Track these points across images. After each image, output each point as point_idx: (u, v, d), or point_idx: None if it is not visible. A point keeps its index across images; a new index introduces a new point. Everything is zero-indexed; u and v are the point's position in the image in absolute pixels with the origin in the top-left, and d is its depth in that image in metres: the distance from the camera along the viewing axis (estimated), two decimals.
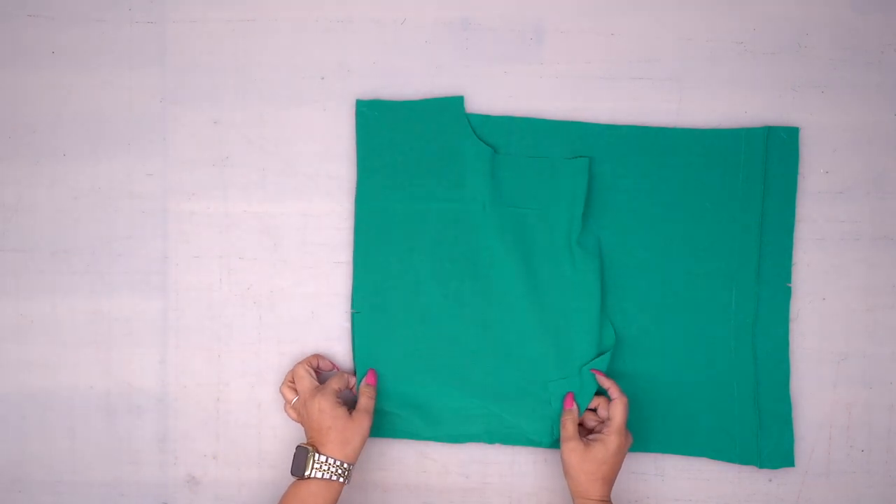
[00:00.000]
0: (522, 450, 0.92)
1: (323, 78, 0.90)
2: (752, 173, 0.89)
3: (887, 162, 0.90)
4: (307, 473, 0.81)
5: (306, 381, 0.86)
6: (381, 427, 0.90)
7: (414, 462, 0.92)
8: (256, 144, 0.90)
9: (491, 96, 0.90)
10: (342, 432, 0.82)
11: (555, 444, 0.90)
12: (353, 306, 0.90)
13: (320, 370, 0.89)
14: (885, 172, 0.90)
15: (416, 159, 0.89)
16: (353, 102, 0.90)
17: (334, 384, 0.86)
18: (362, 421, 0.84)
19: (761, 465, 0.90)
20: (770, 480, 0.92)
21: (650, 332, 0.90)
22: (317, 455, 0.81)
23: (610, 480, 0.84)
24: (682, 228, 0.90)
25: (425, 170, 0.89)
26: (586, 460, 0.83)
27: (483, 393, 0.90)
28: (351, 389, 0.89)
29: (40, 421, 0.91)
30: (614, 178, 0.90)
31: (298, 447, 0.82)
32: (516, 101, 0.90)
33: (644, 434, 0.91)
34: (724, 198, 0.90)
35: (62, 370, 0.91)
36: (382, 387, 0.90)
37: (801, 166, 0.90)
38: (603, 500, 0.83)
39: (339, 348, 0.91)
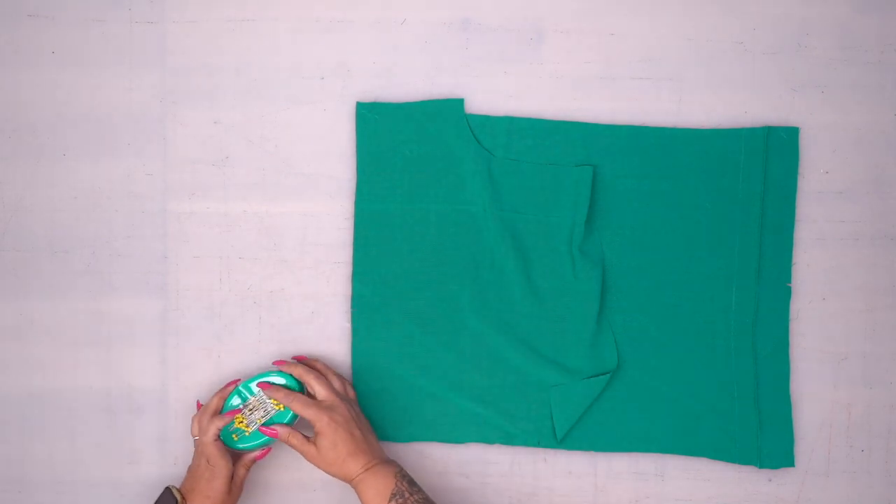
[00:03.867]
0: (522, 450, 0.92)
1: (323, 78, 0.90)
2: (752, 173, 0.89)
3: (887, 162, 0.91)
4: None
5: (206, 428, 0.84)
6: (381, 429, 0.90)
7: (414, 462, 0.92)
8: (256, 144, 0.90)
9: (491, 96, 0.90)
10: (220, 495, 0.82)
11: (551, 444, 0.91)
12: (352, 308, 0.90)
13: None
14: (885, 172, 0.91)
15: (416, 161, 0.89)
16: (353, 103, 0.90)
17: (221, 423, 0.84)
18: (235, 493, 0.84)
19: (761, 465, 0.90)
20: (770, 480, 0.92)
21: (650, 333, 0.90)
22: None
23: (358, 452, 0.81)
24: (682, 229, 0.90)
25: (425, 172, 0.89)
26: (322, 458, 0.81)
27: (479, 395, 0.90)
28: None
29: (40, 421, 0.91)
30: (614, 179, 0.90)
31: (166, 488, 0.83)
32: (516, 101, 0.90)
33: (644, 434, 0.91)
34: (724, 198, 0.90)
35: (62, 370, 0.91)
36: (381, 388, 0.90)
37: (801, 166, 0.90)
38: (367, 467, 0.81)
39: (339, 348, 0.91)
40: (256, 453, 0.85)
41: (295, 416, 0.85)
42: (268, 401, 0.86)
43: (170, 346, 0.91)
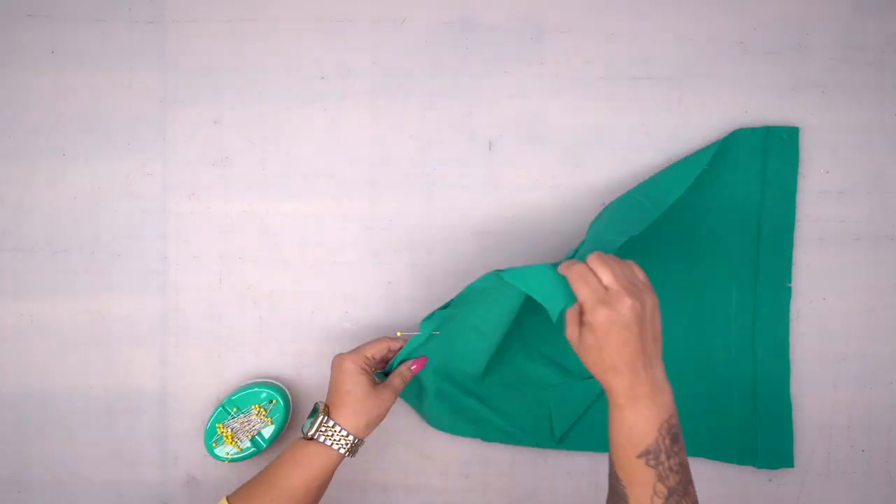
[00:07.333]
0: (522, 450, 0.92)
1: (323, 78, 0.90)
2: (751, 173, 0.89)
3: (887, 162, 0.90)
4: (310, 433, 0.77)
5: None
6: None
7: (414, 462, 0.92)
8: (256, 144, 0.90)
9: (491, 96, 0.90)
10: (359, 401, 0.77)
11: (550, 444, 0.91)
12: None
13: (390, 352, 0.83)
14: (885, 172, 0.91)
15: None
16: (353, 102, 0.89)
17: (369, 349, 0.80)
18: (384, 396, 0.78)
19: (760, 466, 0.90)
20: (770, 480, 0.92)
21: None
22: (325, 417, 0.77)
23: (623, 370, 0.65)
24: (681, 229, 0.90)
25: None
26: (582, 352, 0.68)
27: (479, 395, 0.90)
28: (391, 353, 0.82)
29: (40, 421, 0.91)
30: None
31: (316, 403, 0.80)
32: (516, 101, 0.90)
33: None
34: (724, 198, 0.90)
35: (62, 370, 0.91)
36: None
37: (801, 166, 0.90)
38: (628, 396, 0.65)
39: (339, 348, 0.91)
40: (413, 365, 0.82)
41: (279, 429, 0.86)
42: (253, 416, 0.86)
43: (170, 346, 0.91)
